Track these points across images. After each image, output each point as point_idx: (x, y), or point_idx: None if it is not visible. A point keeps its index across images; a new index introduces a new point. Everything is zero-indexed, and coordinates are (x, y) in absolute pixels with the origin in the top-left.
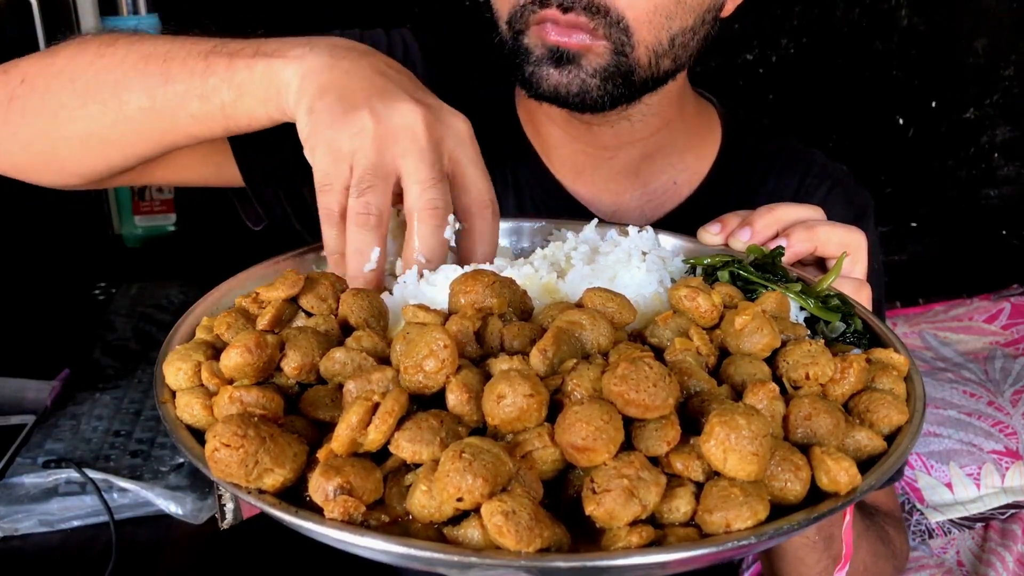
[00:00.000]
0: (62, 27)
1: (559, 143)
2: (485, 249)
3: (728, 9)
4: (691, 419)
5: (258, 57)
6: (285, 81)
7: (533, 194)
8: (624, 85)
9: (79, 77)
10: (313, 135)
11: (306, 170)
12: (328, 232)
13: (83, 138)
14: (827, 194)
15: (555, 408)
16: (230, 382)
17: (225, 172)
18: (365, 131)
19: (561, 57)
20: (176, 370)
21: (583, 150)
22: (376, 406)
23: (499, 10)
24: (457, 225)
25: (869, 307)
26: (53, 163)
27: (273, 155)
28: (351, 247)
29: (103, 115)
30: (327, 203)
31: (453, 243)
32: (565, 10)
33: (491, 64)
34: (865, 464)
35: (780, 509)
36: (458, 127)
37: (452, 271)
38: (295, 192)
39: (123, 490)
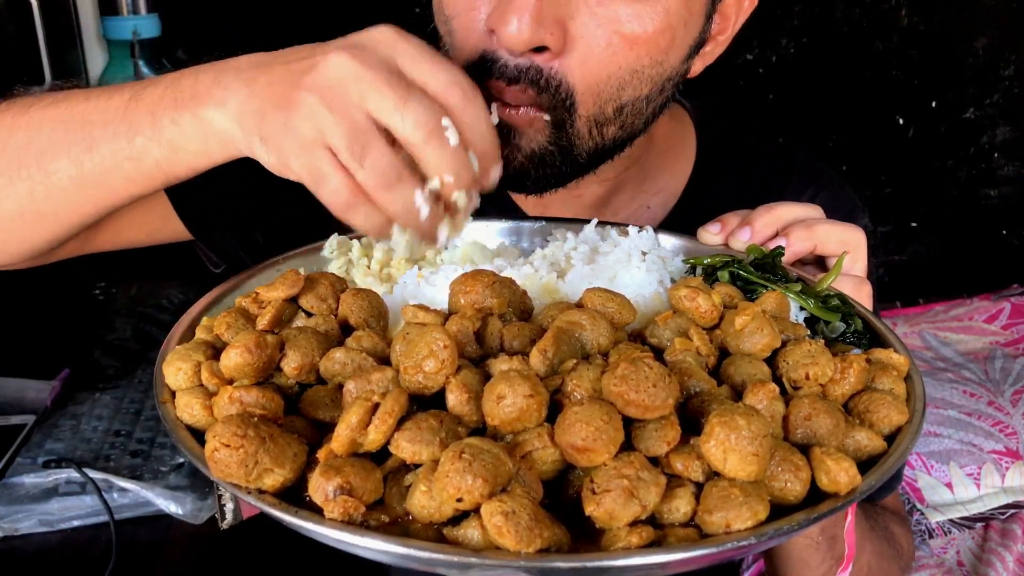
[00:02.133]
0: (62, 27)
1: None
2: (478, 133)
3: (696, 70)
4: (691, 419)
5: (180, 109)
6: (223, 131)
7: None
8: (564, 163)
9: None
10: (278, 152)
11: (254, 211)
12: (358, 218)
13: (15, 216)
14: (811, 200)
15: (555, 408)
16: (230, 382)
17: (170, 227)
18: (314, 108)
19: (501, 135)
20: (176, 370)
21: None
22: (376, 406)
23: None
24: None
25: (870, 304)
26: None
27: (216, 202)
28: (395, 211)
29: (32, 191)
30: (333, 193)
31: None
32: (510, 82)
33: None
34: (865, 464)
35: (780, 509)
36: (380, 36)
37: (452, 271)
38: (246, 235)
39: (123, 490)
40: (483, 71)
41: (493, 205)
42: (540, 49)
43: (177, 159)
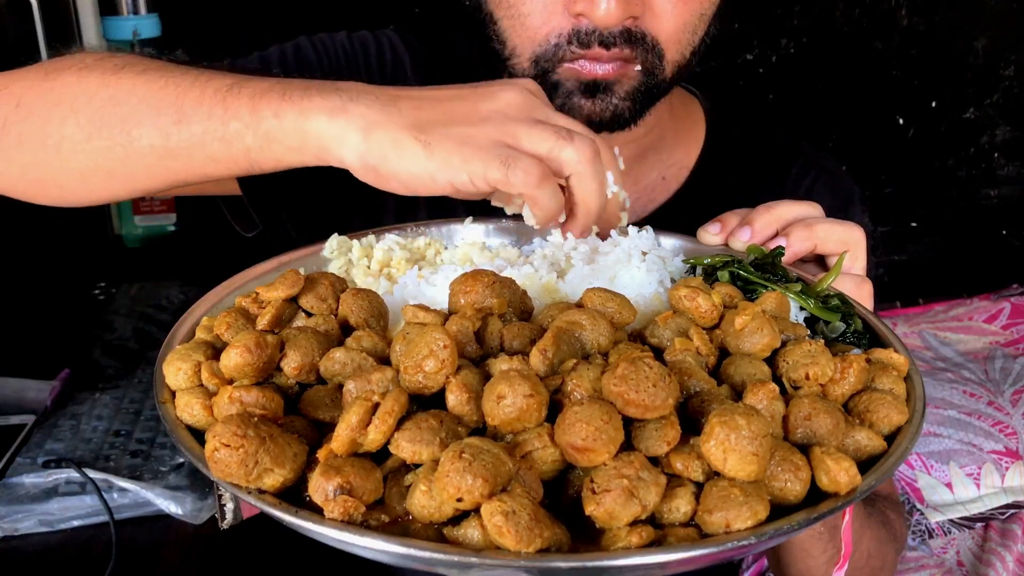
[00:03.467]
0: (62, 27)
1: None
2: (613, 170)
3: None
4: (691, 419)
5: (286, 104)
6: (333, 136)
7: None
8: (650, 100)
9: (83, 108)
10: (447, 157)
11: (310, 179)
12: (546, 194)
13: (87, 172)
14: (812, 184)
15: (555, 408)
16: (230, 382)
17: (223, 183)
18: (499, 99)
19: (596, 87)
20: (176, 370)
21: None
22: (376, 406)
23: (518, 46)
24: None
25: (870, 303)
26: (52, 189)
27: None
28: (591, 185)
29: (111, 151)
30: (526, 170)
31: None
32: (608, 47)
33: (480, 64)
34: (865, 464)
35: (780, 509)
36: (531, 87)
37: (452, 271)
38: (297, 201)
39: (123, 490)
40: (577, 42)
41: None
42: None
43: (269, 150)
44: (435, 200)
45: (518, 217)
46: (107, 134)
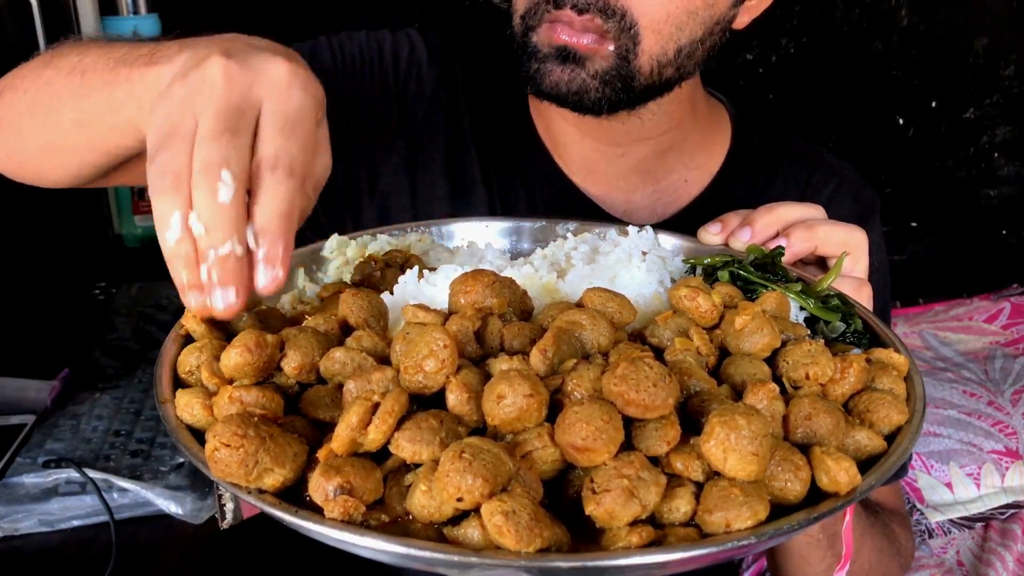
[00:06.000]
0: (62, 27)
1: (571, 140)
2: (265, 212)
3: (742, 22)
4: (691, 419)
5: (150, 67)
6: None
7: (544, 193)
8: (623, 91)
9: (31, 91)
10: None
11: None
12: (160, 205)
13: (41, 149)
14: (834, 192)
15: (555, 408)
16: (230, 382)
17: None
18: (173, 98)
19: (567, 56)
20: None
21: (594, 147)
22: (376, 406)
23: (516, 3)
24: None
25: (869, 306)
26: (36, 168)
27: None
28: (155, 215)
29: (49, 129)
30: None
31: None
32: (580, 11)
33: (497, 62)
34: (865, 464)
35: (780, 509)
36: (271, 71)
37: (452, 271)
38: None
39: (123, 490)
40: (552, 1)
41: (543, 171)
42: None
43: (143, 116)
44: (457, 188)
45: (516, 216)
46: (41, 112)
